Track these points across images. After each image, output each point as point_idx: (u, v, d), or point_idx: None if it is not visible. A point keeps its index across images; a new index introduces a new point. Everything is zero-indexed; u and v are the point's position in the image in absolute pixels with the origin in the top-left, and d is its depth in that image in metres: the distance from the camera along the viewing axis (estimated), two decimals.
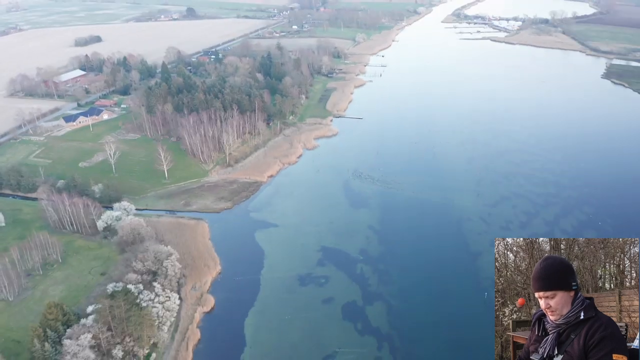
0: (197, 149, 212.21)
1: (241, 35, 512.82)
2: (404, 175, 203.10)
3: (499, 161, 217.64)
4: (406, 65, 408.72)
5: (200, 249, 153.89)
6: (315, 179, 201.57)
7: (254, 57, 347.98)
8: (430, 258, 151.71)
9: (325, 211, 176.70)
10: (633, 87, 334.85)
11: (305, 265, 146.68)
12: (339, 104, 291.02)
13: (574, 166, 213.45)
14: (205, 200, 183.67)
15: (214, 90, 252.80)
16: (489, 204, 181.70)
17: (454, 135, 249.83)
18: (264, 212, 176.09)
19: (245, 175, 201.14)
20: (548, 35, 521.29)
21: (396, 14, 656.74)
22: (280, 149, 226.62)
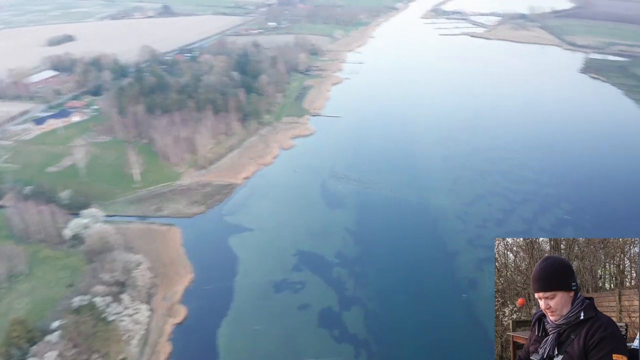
0: (170, 151, 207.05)
1: (218, 32, 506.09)
2: (380, 174, 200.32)
3: (477, 159, 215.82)
4: (384, 62, 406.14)
5: (172, 256, 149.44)
6: (292, 180, 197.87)
7: (229, 55, 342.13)
8: (407, 258, 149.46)
9: (301, 213, 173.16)
10: (611, 81, 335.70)
11: (280, 270, 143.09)
12: (316, 102, 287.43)
13: (552, 163, 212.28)
14: (178, 205, 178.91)
15: (187, 89, 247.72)
16: (465, 202, 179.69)
17: (432, 132, 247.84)
18: (238, 215, 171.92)
19: (219, 178, 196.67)
20: (526, 30, 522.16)
21: (374, 10, 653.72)
22: (255, 149, 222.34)
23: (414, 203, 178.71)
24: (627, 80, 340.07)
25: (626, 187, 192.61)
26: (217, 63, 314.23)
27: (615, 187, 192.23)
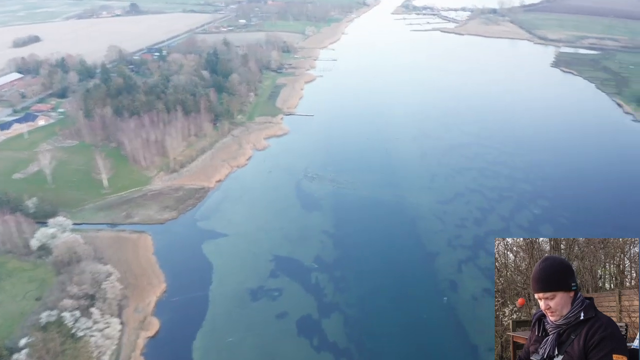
0: (139, 155, 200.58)
1: (187, 30, 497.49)
2: (356, 174, 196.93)
3: (452, 155, 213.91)
4: (357, 59, 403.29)
5: (143, 266, 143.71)
6: (266, 182, 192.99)
7: (199, 54, 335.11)
8: (386, 261, 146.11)
9: (277, 216, 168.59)
10: (582, 74, 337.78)
11: (256, 277, 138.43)
12: (289, 101, 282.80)
13: (526, 158, 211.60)
14: (148, 211, 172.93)
15: (156, 90, 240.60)
16: (443, 200, 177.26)
17: (407, 130, 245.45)
18: (211, 220, 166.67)
19: (191, 181, 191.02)
20: (496, 25, 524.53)
21: (345, 6, 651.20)
22: (228, 150, 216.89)
23: (392, 202, 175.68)
24: (598, 73, 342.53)
25: (603, 183, 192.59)
26: (186, 62, 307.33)
27: (592, 183, 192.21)
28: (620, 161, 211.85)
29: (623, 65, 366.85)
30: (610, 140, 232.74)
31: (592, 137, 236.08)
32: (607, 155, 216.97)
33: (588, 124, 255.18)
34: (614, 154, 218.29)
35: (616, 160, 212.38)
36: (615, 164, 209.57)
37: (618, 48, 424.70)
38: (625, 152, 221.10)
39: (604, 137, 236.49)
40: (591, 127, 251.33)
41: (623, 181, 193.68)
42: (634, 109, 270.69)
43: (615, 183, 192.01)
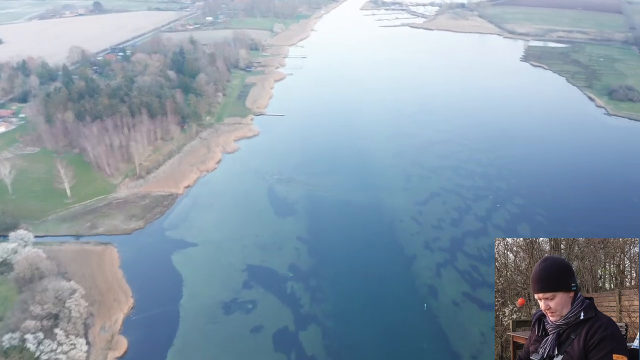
0: (103, 161, 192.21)
1: (152, 29, 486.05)
2: (330, 175, 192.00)
3: (426, 154, 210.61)
4: (327, 56, 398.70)
5: (109, 280, 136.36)
6: (237, 187, 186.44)
7: (164, 54, 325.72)
8: (363, 266, 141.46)
9: (249, 223, 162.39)
10: (552, 68, 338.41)
11: (229, 289, 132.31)
12: (259, 101, 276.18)
13: (500, 155, 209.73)
14: (114, 221, 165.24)
15: (119, 93, 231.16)
16: (419, 201, 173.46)
17: (380, 128, 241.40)
18: (181, 229, 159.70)
19: (158, 188, 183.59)
20: (465, 19, 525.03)
21: (313, 2, 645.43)
22: (197, 154, 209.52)
23: (368, 205, 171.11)
24: (568, 67, 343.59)
25: (578, 179, 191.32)
26: (151, 62, 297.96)
27: (567, 179, 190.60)
28: (597, 157, 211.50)
29: (592, 58, 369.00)
30: (584, 135, 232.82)
31: (566, 133, 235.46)
32: (581, 150, 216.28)
33: (561, 119, 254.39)
34: (588, 148, 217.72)
35: (591, 155, 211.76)
36: (590, 158, 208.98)
37: (587, 40, 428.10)
38: (599, 146, 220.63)
39: (578, 132, 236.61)
40: (564, 122, 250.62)
41: (602, 177, 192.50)
42: (606, 102, 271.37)
43: (592, 180, 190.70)
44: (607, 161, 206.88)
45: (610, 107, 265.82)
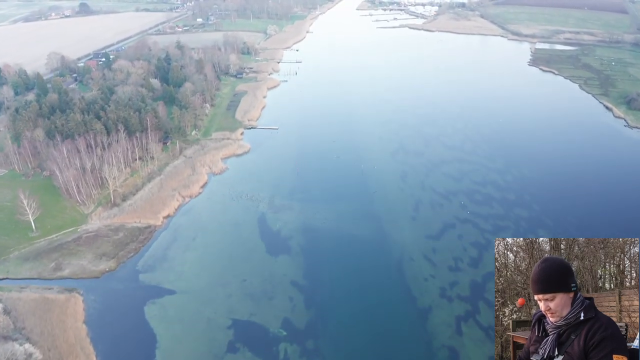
0: (73, 187, 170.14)
1: (140, 31, 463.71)
2: (329, 202, 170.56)
3: (436, 175, 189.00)
4: (324, 60, 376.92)
5: (71, 340, 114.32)
6: (223, 216, 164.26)
7: (148, 60, 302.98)
8: (369, 322, 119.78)
9: (236, 263, 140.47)
10: (563, 73, 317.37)
11: (211, 352, 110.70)
12: (251, 112, 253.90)
13: (518, 176, 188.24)
14: (82, 260, 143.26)
15: (95, 107, 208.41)
16: (431, 235, 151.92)
17: (382, 143, 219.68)
18: (157, 272, 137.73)
19: (134, 218, 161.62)
20: (467, 20, 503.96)
21: (309, 2, 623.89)
22: (179, 176, 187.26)
23: (372, 240, 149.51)
24: (580, 72, 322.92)
25: (607, 206, 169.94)
26: (134, 70, 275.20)
27: (595, 206, 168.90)
28: (624, 175, 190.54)
29: (604, 61, 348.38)
30: (608, 152, 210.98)
31: (589, 149, 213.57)
32: (609, 170, 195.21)
33: (580, 132, 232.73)
34: (616, 168, 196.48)
35: (619, 175, 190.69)
36: (618, 179, 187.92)
37: (595, 42, 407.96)
38: (625, 164, 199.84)
39: (599, 148, 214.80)
40: (584, 135, 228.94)
41: (630, 201, 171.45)
42: (625, 113, 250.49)
43: (621, 205, 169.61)
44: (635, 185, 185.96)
45: (630, 118, 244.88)
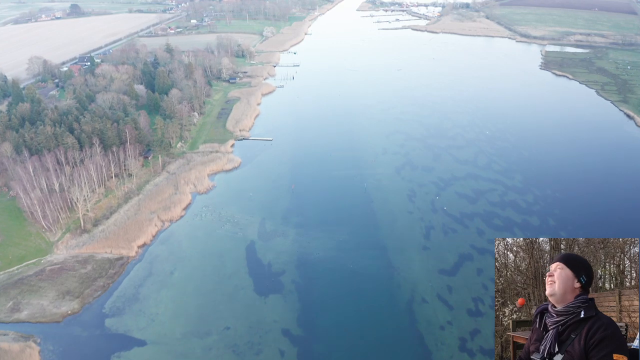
0: (40, 209, 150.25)
1: (131, 33, 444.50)
2: (327, 226, 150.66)
3: (448, 195, 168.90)
4: (322, 63, 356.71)
5: None
6: (206, 245, 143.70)
7: (134, 64, 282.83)
8: None
9: (218, 305, 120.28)
10: (578, 78, 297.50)
11: None
12: (243, 121, 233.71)
13: (540, 195, 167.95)
14: (43, 299, 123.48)
15: (68, 118, 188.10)
16: (445, 269, 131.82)
17: (386, 157, 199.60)
18: (126, 316, 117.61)
19: (105, 248, 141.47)
20: (472, 21, 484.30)
21: (308, 3, 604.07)
22: (160, 196, 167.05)
23: (377, 275, 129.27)
24: (595, 76, 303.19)
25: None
26: (118, 75, 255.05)
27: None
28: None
29: (619, 65, 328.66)
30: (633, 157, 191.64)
31: (615, 167, 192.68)
32: (624, 179, 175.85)
33: (603, 145, 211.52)
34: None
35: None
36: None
37: (607, 45, 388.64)
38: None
39: (629, 164, 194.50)
40: (608, 149, 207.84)
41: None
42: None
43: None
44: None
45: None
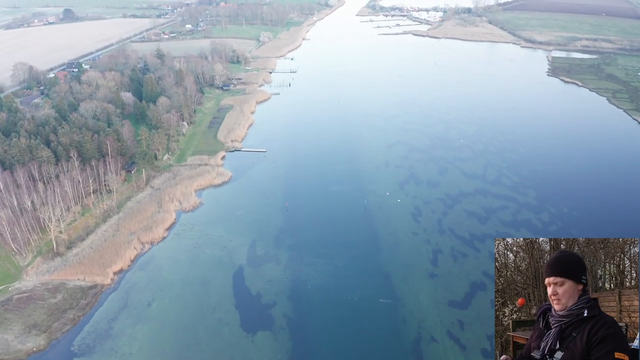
0: (9, 231, 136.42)
1: (124, 38, 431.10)
2: (324, 249, 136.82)
3: (456, 214, 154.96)
4: (320, 69, 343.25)
5: None
6: (189, 272, 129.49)
7: (121, 71, 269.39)
8: None
9: (200, 344, 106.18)
10: (588, 85, 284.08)
11: None
12: (236, 131, 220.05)
13: (556, 214, 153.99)
14: (7, 334, 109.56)
15: (45, 130, 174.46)
16: (456, 301, 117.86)
17: (388, 170, 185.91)
18: (96, 355, 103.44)
19: (78, 274, 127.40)
20: (474, 26, 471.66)
21: (306, 8, 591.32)
22: (142, 215, 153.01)
23: (381, 309, 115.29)
24: (605, 83, 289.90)
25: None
26: (104, 82, 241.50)
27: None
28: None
29: (629, 72, 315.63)
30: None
31: (618, 166, 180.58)
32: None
33: (619, 158, 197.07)
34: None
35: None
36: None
37: (615, 50, 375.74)
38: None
39: (630, 164, 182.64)
40: (626, 162, 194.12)
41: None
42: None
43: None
44: None
45: None
